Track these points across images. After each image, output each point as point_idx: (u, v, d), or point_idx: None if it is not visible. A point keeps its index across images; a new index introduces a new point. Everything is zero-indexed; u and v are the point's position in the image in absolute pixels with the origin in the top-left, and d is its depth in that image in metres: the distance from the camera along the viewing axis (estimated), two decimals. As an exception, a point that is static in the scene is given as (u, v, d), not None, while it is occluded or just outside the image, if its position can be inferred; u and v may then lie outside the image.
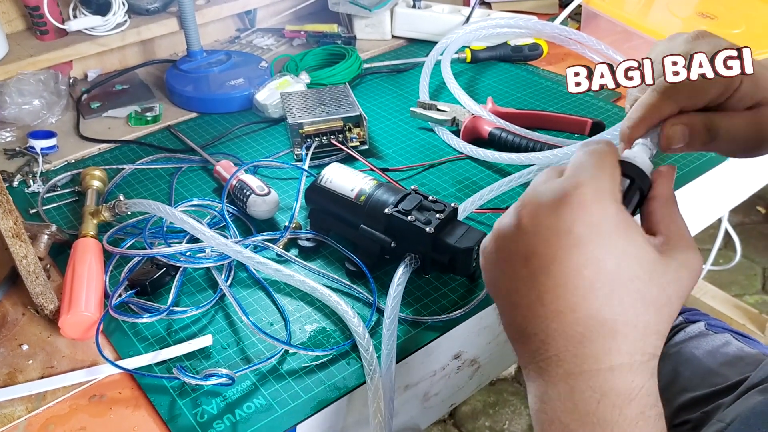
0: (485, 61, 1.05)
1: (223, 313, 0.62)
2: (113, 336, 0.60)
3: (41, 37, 0.95)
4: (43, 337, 0.61)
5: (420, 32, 1.13)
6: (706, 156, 0.82)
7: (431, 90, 0.97)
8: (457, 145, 0.83)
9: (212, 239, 0.62)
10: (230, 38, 1.17)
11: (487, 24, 0.96)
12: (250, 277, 0.66)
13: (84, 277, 0.62)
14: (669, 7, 1.03)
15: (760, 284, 1.94)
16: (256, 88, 0.93)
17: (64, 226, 0.74)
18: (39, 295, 0.61)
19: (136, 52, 1.07)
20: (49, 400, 0.55)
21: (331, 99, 0.86)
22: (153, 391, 0.55)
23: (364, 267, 0.65)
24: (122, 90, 1.00)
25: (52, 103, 0.93)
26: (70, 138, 0.90)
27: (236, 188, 0.73)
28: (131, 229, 0.70)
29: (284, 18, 1.21)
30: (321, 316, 0.62)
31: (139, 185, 0.80)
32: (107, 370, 0.57)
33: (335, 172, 0.69)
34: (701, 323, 0.81)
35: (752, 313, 1.65)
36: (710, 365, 0.74)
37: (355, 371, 0.56)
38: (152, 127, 0.92)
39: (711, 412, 0.68)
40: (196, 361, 0.58)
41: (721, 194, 0.93)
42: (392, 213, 0.63)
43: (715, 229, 1.61)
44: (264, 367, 0.57)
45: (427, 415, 0.68)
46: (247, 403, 0.54)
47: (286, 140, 0.88)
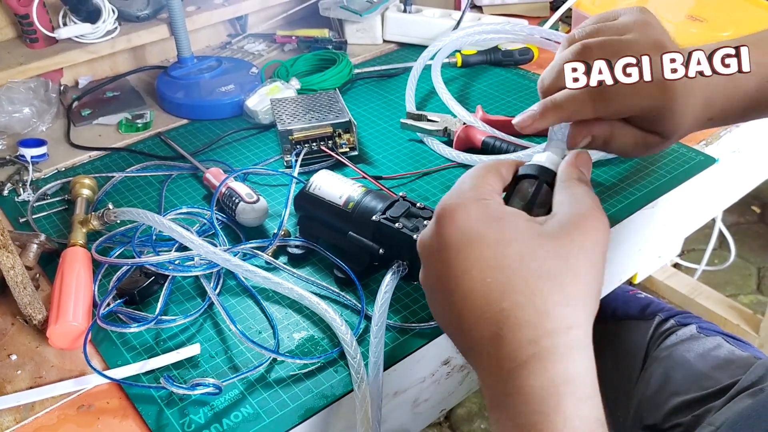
0: (476, 66, 1.06)
1: (211, 322, 0.62)
2: (101, 345, 0.60)
3: (31, 45, 0.95)
4: (31, 347, 0.61)
5: (411, 36, 1.13)
6: (697, 158, 0.82)
7: (423, 96, 0.97)
8: (449, 154, 0.83)
9: (201, 247, 0.62)
10: (221, 44, 1.17)
11: (474, 30, 0.96)
12: (239, 285, 0.66)
13: (72, 286, 0.62)
14: (658, 10, 1.03)
15: (755, 284, 1.95)
16: (246, 95, 0.93)
17: (53, 234, 0.74)
18: (27, 306, 0.61)
19: (127, 59, 1.08)
20: (37, 410, 0.55)
21: (320, 105, 0.86)
22: (141, 400, 0.55)
23: (353, 274, 0.65)
24: (113, 97, 1.00)
25: (43, 111, 0.93)
26: (61, 146, 0.90)
27: (225, 196, 0.73)
28: (120, 238, 0.70)
29: (275, 23, 1.21)
30: (309, 323, 0.62)
31: (129, 193, 0.80)
32: (95, 380, 0.57)
33: (324, 179, 0.69)
34: (693, 326, 0.81)
35: (746, 313, 1.65)
36: (701, 368, 0.74)
37: (343, 379, 0.56)
38: (143, 134, 0.92)
39: (702, 416, 0.68)
40: (184, 370, 0.58)
41: (714, 194, 0.93)
42: (380, 220, 0.63)
43: (709, 229, 1.61)
44: (252, 376, 0.57)
45: (418, 420, 0.68)
46: (234, 412, 0.54)
47: (277, 146, 0.88)
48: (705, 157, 0.82)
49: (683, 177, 0.79)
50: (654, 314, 0.86)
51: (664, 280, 1.76)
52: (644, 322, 0.85)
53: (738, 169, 0.94)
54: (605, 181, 0.78)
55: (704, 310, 1.67)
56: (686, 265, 1.79)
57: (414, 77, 0.93)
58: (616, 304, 0.90)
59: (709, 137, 0.86)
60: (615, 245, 0.76)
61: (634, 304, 0.90)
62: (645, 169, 0.80)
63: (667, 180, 0.78)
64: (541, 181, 0.45)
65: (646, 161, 0.82)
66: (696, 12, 1.01)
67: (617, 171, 0.80)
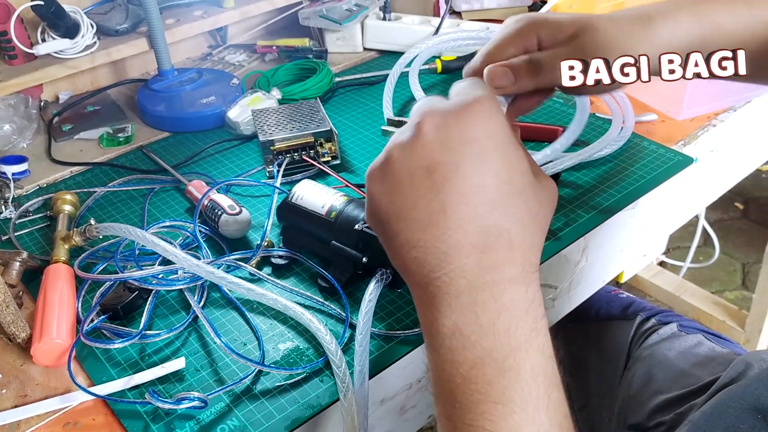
0: (456, 71, 1.06)
1: (196, 335, 0.63)
2: (86, 362, 0.60)
3: (10, 62, 0.95)
4: (16, 366, 0.61)
5: (391, 44, 1.13)
6: (675, 158, 0.83)
7: (404, 102, 0.97)
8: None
9: (184, 261, 0.62)
10: (202, 55, 1.17)
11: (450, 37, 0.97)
12: (223, 297, 0.66)
13: (55, 303, 0.62)
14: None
15: (740, 280, 1.97)
16: (227, 106, 0.94)
17: (36, 251, 0.73)
18: (10, 324, 0.60)
19: (107, 73, 1.07)
20: (23, 429, 0.55)
21: (302, 114, 0.86)
22: (126, 416, 0.55)
23: (336, 283, 0.65)
24: (94, 111, 1.00)
25: (23, 127, 0.93)
26: (42, 162, 0.90)
27: (208, 208, 0.73)
28: (103, 253, 0.70)
29: (256, 34, 1.21)
30: (294, 334, 0.62)
31: (112, 207, 0.80)
32: (80, 397, 0.57)
33: (306, 189, 0.69)
34: (674, 324, 0.82)
35: (732, 309, 1.67)
36: (682, 366, 0.75)
37: (329, 388, 0.57)
38: (124, 148, 0.92)
39: (684, 413, 0.69)
40: (169, 384, 0.58)
41: (695, 193, 0.94)
42: (363, 229, 0.63)
43: (693, 226, 1.63)
44: (237, 388, 0.57)
45: (405, 427, 0.68)
46: (220, 425, 0.54)
47: (259, 157, 0.88)
48: (683, 157, 0.83)
49: (662, 177, 0.80)
50: (636, 314, 0.87)
51: (650, 279, 1.77)
52: (626, 322, 0.86)
53: (717, 168, 0.95)
54: (585, 184, 0.79)
55: (690, 308, 1.68)
56: (671, 263, 1.81)
57: (391, 83, 0.94)
58: (599, 304, 0.91)
59: (687, 137, 0.87)
60: (597, 246, 0.77)
61: (616, 304, 0.91)
62: (624, 171, 0.81)
63: (646, 181, 0.79)
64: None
65: (626, 163, 0.82)
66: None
67: (597, 173, 0.81)
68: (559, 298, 0.78)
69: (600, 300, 0.91)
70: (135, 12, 1.02)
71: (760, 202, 2.23)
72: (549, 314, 0.78)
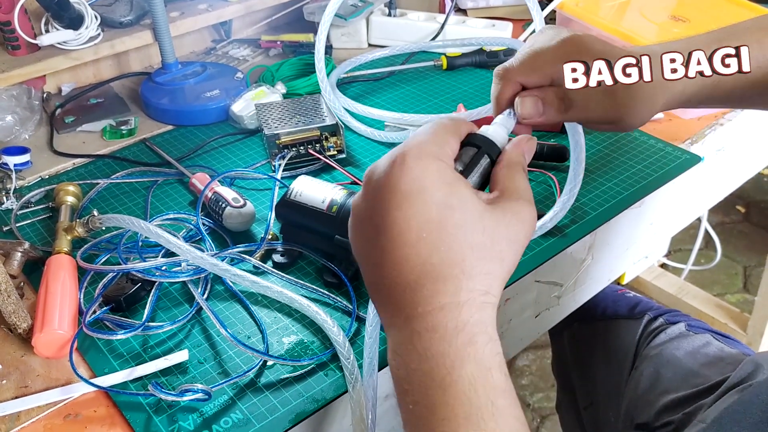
0: (461, 68, 1.06)
1: (199, 327, 0.62)
2: (88, 353, 0.59)
3: (13, 52, 0.94)
4: (17, 357, 0.60)
5: (396, 40, 1.13)
6: (683, 157, 0.82)
7: (408, 97, 0.97)
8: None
9: (188, 253, 0.61)
10: (206, 49, 1.16)
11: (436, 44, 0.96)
12: (227, 290, 0.65)
13: (57, 294, 0.61)
14: (643, 11, 1.04)
15: (741, 283, 1.96)
16: (232, 100, 0.93)
17: (38, 242, 0.73)
18: (11, 314, 0.60)
19: (111, 65, 1.07)
20: (23, 420, 0.54)
21: (306, 109, 0.85)
22: (128, 408, 0.54)
23: (344, 276, 0.64)
24: (97, 104, 0.99)
25: (26, 118, 0.92)
26: (44, 153, 0.89)
27: (212, 201, 0.72)
28: (106, 245, 0.69)
29: (260, 28, 1.20)
30: (299, 327, 0.61)
31: (114, 200, 0.79)
32: (82, 389, 0.56)
33: (304, 185, 0.69)
34: (681, 324, 0.82)
35: (734, 312, 1.66)
36: (691, 366, 0.74)
37: (334, 382, 0.56)
38: (127, 140, 0.91)
39: (692, 413, 0.68)
40: (172, 376, 0.57)
41: (700, 193, 0.93)
42: (368, 222, 0.63)
43: (695, 229, 1.62)
44: (241, 381, 0.56)
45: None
46: (224, 418, 0.53)
47: (263, 151, 0.87)
48: (691, 155, 0.83)
49: (669, 176, 0.80)
50: (643, 313, 0.86)
51: (652, 281, 1.77)
52: (633, 321, 0.85)
53: (723, 168, 0.94)
54: (591, 181, 0.78)
55: (692, 310, 1.68)
56: (673, 265, 1.80)
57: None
58: (605, 303, 0.90)
59: (694, 136, 0.87)
60: (603, 244, 0.77)
61: (623, 303, 0.90)
62: (631, 168, 0.81)
63: (653, 179, 0.79)
64: (482, 152, 0.46)
65: (632, 161, 0.82)
66: (679, 12, 1.02)
67: (604, 171, 0.80)
68: (564, 296, 0.77)
69: (606, 299, 0.90)
70: (139, 4, 1.01)
71: (761, 206, 2.22)
72: (554, 312, 0.78)
